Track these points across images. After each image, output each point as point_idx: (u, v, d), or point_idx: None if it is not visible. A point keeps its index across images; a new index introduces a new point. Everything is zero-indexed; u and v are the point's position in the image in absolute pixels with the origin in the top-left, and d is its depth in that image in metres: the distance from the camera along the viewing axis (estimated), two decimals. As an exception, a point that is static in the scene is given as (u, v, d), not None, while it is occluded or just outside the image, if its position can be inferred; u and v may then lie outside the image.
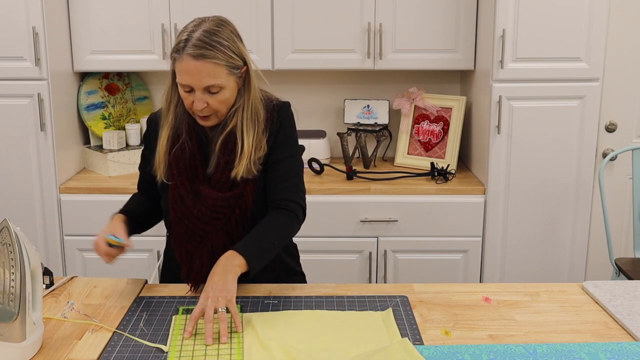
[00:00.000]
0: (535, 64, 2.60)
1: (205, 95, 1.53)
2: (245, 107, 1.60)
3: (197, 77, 1.50)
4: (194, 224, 1.62)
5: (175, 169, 1.62)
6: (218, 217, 1.61)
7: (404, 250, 2.74)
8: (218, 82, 1.51)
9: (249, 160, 1.58)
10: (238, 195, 1.60)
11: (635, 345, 1.33)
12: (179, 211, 1.63)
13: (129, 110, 3.13)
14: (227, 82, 1.54)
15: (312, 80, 3.16)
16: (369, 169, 2.97)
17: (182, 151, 1.61)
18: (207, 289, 1.43)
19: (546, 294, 1.62)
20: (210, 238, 1.62)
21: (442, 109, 2.99)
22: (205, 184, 1.62)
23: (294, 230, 1.66)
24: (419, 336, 1.40)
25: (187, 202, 1.61)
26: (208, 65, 1.49)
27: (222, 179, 1.60)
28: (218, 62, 1.50)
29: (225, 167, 1.60)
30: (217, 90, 1.53)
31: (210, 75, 1.50)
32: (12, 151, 2.69)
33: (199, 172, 1.62)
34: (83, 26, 2.81)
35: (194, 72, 1.50)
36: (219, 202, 1.60)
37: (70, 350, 1.34)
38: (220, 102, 1.55)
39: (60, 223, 2.74)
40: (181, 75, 1.52)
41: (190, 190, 1.61)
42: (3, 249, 1.27)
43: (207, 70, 1.50)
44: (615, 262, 2.52)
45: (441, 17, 2.82)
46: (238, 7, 2.78)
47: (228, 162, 1.59)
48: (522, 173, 2.69)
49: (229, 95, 1.56)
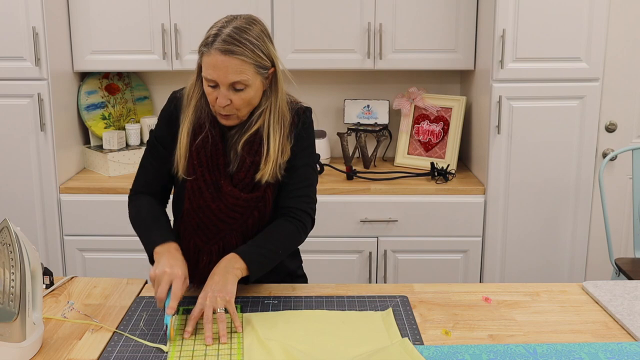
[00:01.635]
0: (535, 64, 2.60)
1: (229, 92, 1.51)
2: (272, 110, 1.58)
3: (223, 73, 1.48)
4: (208, 218, 1.60)
5: (196, 159, 1.59)
6: (235, 216, 1.60)
7: (404, 250, 2.74)
8: (244, 79, 1.49)
9: (275, 164, 1.57)
10: (259, 198, 1.60)
11: (635, 345, 1.33)
12: (195, 203, 1.60)
13: (129, 110, 3.13)
14: (253, 81, 1.52)
15: (312, 80, 3.16)
16: (369, 169, 2.97)
17: (204, 141, 1.59)
18: (206, 289, 1.43)
19: (546, 294, 1.62)
20: (223, 236, 1.61)
21: (442, 109, 2.99)
22: (227, 180, 1.60)
23: (300, 240, 1.66)
24: (419, 336, 1.40)
25: (206, 195, 1.59)
26: (235, 62, 1.48)
27: (246, 179, 1.59)
28: (246, 59, 1.48)
29: (250, 168, 1.58)
30: (242, 88, 1.51)
31: (237, 72, 1.48)
32: (12, 151, 2.69)
33: (219, 165, 1.60)
34: (83, 26, 2.81)
35: (221, 67, 1.48)
36: (240, 202, 1.59)
37: (70, 350, 1.34)
38: (243, 101, 1.53)
39: (60, 223, 2.74)
40: (207, 70, 1.50)
41: (210, 182, 1.59)
42: (3, 249, 1.27)
43: (233, 67, 1.48)
44: (615, 262, 2.52)
45: (441, 17, 2.82)
46: (238, 7, 2.78)
47: (254, 162, 1.58)
48: (522, 173, 2.69)
49: (253, 94, 1.54)
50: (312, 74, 3.14)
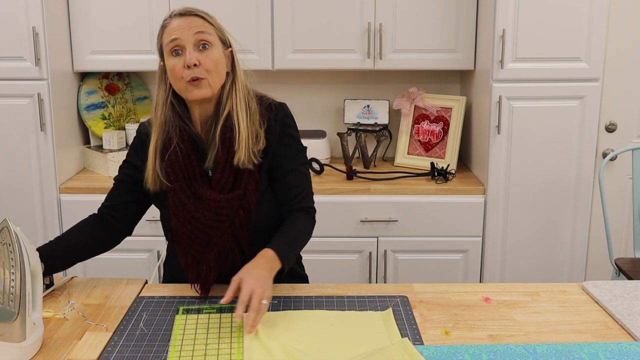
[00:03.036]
0: (535, 64, 2.60)
1: (195, 52, 1.52)
2: (236, 89, 1.59)
3: (186, 28, 1.52)
4: (197, 229, 1.58)
5: (172, 174, 1.58)
6: (222, 219, 1.57)
7: (404, 250, 2.74)
8: (207, 34, 1.53)
9: (247, 145, 1.56)
10: (240, 196, 1.58)
11: (635, 345, 1.33)
12: (180, 216, 1.59)
13: (129, 110, 3.13)
14: (216, 42, 1.55)
15: (312, 80, 3.16)
16: (369, 169, 2.97)
17: (175, 155, 1.58)
18: (253, 281, 1.40)
19: (546, 294, 1.62)
20: (216, 242, 1.59)
21: (442, 109, 2.99)
22: (206, 185, 1.59)
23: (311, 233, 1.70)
24: (419, 336, 1.40)
25: (188, 206, 1.58)
26: (197, 19, 1.54)
27: (222, 179, 1.57)
28: (207, 18, 1.55)
29: (225, 166, 1.57)
30: (206, 46, 1.53)
31: (199, 27, 1.53)
32: (12, 151, 2.69)
33: (196, 173, 1.59)
34: (83, 26, 2.81)
35: (183, 25, 1.52)
36: (221, 204, 1.57)
37: (70, 350, 1.34)
38: (211, 61, 1.53)
39: (60, 223, 2.74)
40: (170, 35, 1.53)
41: (190, 193, 1.58)
42: (3, 249, 1.27)
43: (195, 22, 1.53)
44: (615, 262, 2.52)
45: (441, 17, 2.82)
46: (238, 7, 2.77)
47: (227, 160, 1.57)
48: (522, 173, 2.69)
49: (218, 56, 1.55)
50: (312, 74, 3.15)
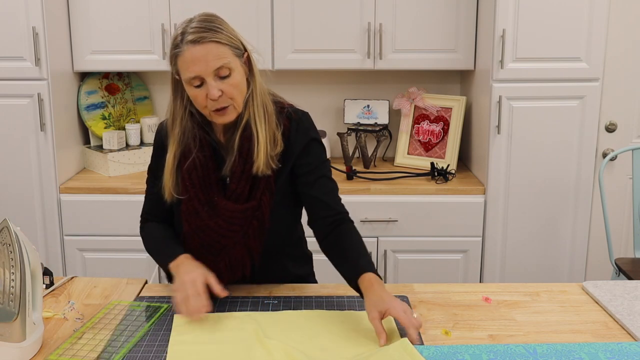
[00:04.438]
0: (535, 64, 2.60)
1: (217, 82, 1.46)
2: (254, 96, 1.55)
3: (204, 62, 1.44)
4: (210, 237, 1.57)
5: (188, 181, 1.56)
6: (235, 229, 1.56)
7: (404, 250, 2.74)
8: (225, 62, 1.46)
9: (266, 152, 1.53)
10: (255, 207, 1.56)
11: (635, 345, 1.33)
12: (193, 224, 1.57)
13: (129, 110, 3.13)
14: (235, 64, 1.48)
15: (312, 80, 3.16)
16: (369, 169, 2.97)
17: (193, 165, 1.56)
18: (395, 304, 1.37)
19: (546, 294, 1.62)
20: (228, 251, 1.59)
21: (442, 109, 2.99)
22: (221, 194, 1.57)
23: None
24: (419, 336, 1.40)
25: (202, 214, 1.56)
26: (211, 46, 1.44)
27: (238, 189, 1.55)
28: (220, 41, 1.45)
29: (241, 176, 1.55)
30: (227, 74, 1.47)
31: (217, 56, 1.45)
32: (12, 151, 2.69)
33: (212, 181, 1.57)
34: (83, 26, 2.81)
35: (200, 57, 1.44)
36: (235, 214, 1.55)
37: (71, 350, 1.34)
38: (233, 87, 1.48)
39: (60, 223, 2.74)
40: (187, 68, 1.46)
41: (205, 201, 1.56)
42: (3, 249, 1.27)
43: (211, 52, 1.44)
44: (615, 262, 2.52)
45: (441, 17, 2.82)
46: (238, 7, 2.78)
47: (244, 170, 1.54)
48: (522, 173, 2.69)
49: (239, 78, 1.50)
50: (312, 74, 3.15)
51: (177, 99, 1.56)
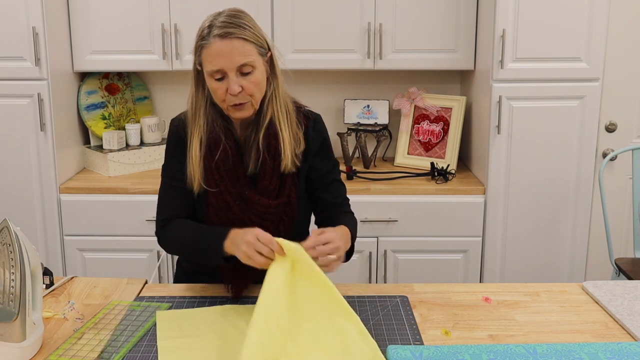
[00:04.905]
0: (535, 64, 2.60)
1: (239, 77, 1.48)
2: (277, 96, 1.57)
3: (229, 57, 1.46)
4: None
5: (217, 174, 1.56)
6: (267, 224, 1.55)
7: (404, 250, 2.74)
8: (250, 59, 1.48)
9: (292, 150, 1.57)
10: (285, 203, 1.58)
11: (635, 345, 1.33)
12: (224, 217, 1.56)
13: (129, 110, 3.13)
14: (258, 62, 1.50)
15: (312, 80, 3.16)
16: (369, 169, 2.97)
17: (225, 155, 1.56)
18: (335, 235, 1.44)
19: (546, 294, 1.62)
20: None
21: (442, 109, 2.99)
22: (250, 188, 1.57)
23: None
24: (419, 336, 1.40)
25: (235, 208, 1.56)
26: (238, 43, 1.46)
27: (270, 186, 1.57)
28: (247, 38, 1.48)
29: (273, 173, 1.56)
30: (249, 71, 1.49)
31: (241, 53, 1.47)
32: (12, 151, 2.69)
33: (240, 175, 1.57)
34: (83, 26, 2.81)
35: (225, 52, 1.46)
36: (270, 209, 1.57)
37: (70, 350, 1.34)
38: (254, 85, 1.50)
39: (60, 223, 2.74)
40: (212, 61, 1.47)
41: (236, 195, 1.56)
42: (3, 249, 1.27)
43: (238, 48, 1.46)
44: (615, 262, 2.52)
45: (441, 17, 2.82)
46: (238, 7, 2.77)
47: (274, 166, 1.56)
48: (522, 173, 2.69)
49: (260, 77, 1.52)
50: (312, 74, 3.15)
51: (198, 90, 1.57)
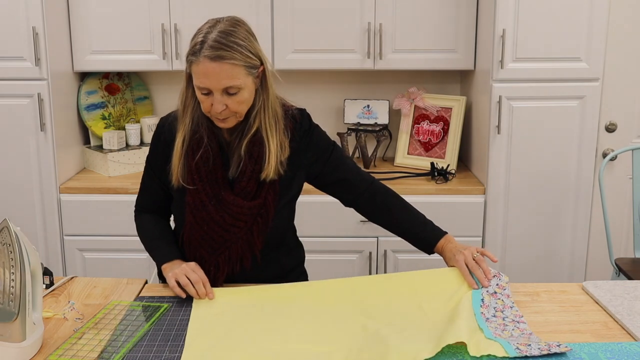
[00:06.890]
0: (535, 64, 2.60)
1: (223, 97, 1.50)
2: (265, 108, 1.58)
3: (215, 80, 1.47)
4: (213, 230, 1.61)
5: (196, 173, 1.59)
6: (240, 225, 1.61)
7: (404, 250, 2.73)
8: (236, 83, 1.49)
9: (277, 161, 1.58)
10: (261, 205, 1.61)
11: (635, 345, 1.33)
12: (198, 216, 1.61)
13: (129, 110, 3.13)
14: (245, 82, 1.51)
15: (312, 80, 3.16)
16: (369, 169, 2.97)
17: (206, 155, 1.59)
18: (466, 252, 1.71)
19: (546, 294, 1.62)
20: (229, 245, 1.63)
21: (442, 109, 2.99)
22: (227, 190, 1.61)
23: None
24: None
25: (209, 208, 1.60)
26: (226, 67, 1.47)
27: (248, 187, 1.60)
28: (236, 62, 1.48)
29: (252, 176, 1.59)
30: (235, 92, 1.50)
31: (229, 77, 1.48)
32: (12, 151, 2.69)
33: (218, 177, 1.60)
34: (83, 26, 2.81)
35: (212, 74, 1.47)
36: (244, 210, 1.60)
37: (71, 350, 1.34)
38: (239, 103, 1.52)
39: (60, 223, 2.74)
40: (198, 78, 1.49)
41: (212, 195, 1.60)
42: (3, 249, 1.27)
43: (225, 72, 1.47)
44: (615, 262, 2.52)
45: (441, 17, 2.82)
46: (238, 7, 2.78)
47: (254, 170, 1.59)
48: (522, 173, 2.69)
49: (247, 96, 1.53)
50: (312, 74, 3.14)
51: (189, 89, 1.59)
